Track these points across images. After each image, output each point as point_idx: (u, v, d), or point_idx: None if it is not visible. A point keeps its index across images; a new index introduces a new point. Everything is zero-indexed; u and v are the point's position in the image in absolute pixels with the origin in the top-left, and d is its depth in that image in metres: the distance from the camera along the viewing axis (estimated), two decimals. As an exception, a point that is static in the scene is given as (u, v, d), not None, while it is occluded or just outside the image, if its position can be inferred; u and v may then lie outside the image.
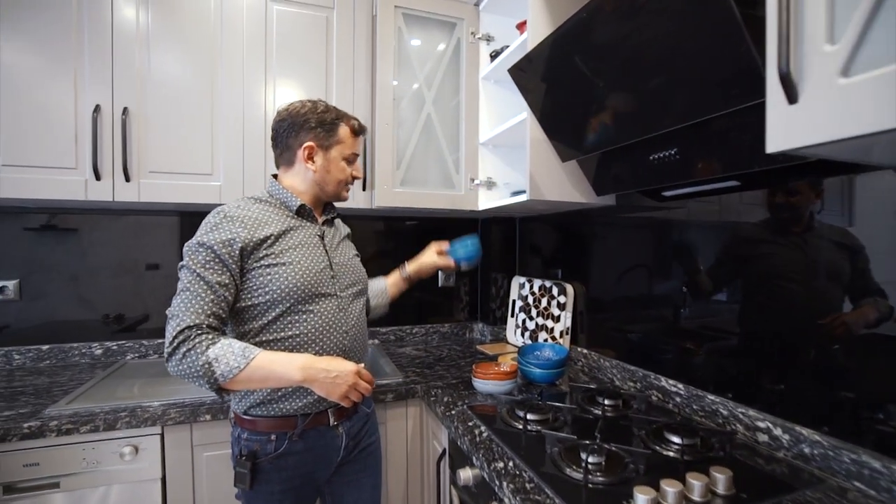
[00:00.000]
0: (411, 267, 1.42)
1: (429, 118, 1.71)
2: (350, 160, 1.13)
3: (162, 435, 1.20)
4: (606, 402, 1.19)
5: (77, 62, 1.36)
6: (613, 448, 0.93)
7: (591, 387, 1.30)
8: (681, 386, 1.20)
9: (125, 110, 1.38)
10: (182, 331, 0.89)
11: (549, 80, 1.21)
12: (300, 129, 1.06)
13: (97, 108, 1.35)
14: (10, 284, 1.57)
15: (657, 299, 1.34)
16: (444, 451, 1.25)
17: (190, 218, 1.75)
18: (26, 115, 1.32)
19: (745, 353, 1.07)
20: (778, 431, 0.96)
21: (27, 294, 1.59)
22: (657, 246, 1.35)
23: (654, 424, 1.05)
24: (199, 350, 0.88)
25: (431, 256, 1.42)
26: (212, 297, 0.93)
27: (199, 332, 0.90)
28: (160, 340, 1.71)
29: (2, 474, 1.09)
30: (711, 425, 1.09)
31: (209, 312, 0.92)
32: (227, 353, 0.89)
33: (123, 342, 1.67)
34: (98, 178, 1.36)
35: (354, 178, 1.15)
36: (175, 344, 0.88)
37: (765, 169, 0.91)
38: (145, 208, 1.64)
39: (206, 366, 0.87)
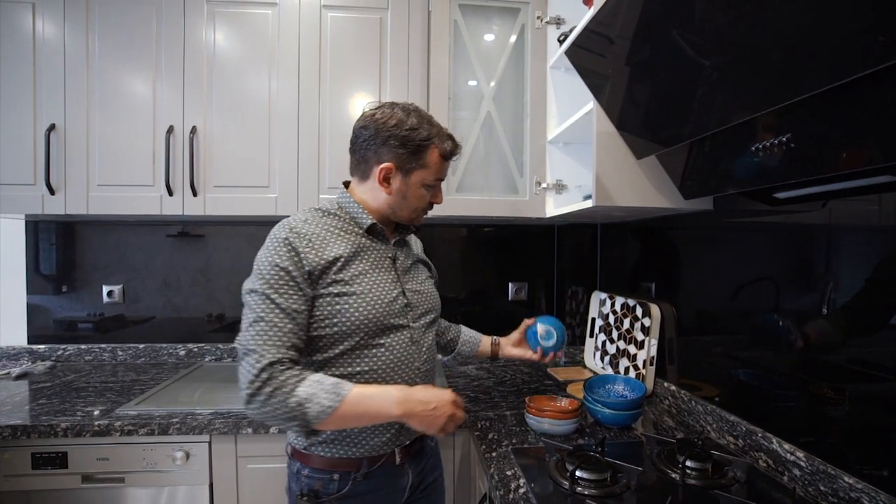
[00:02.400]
0: (502, 352, 1.28)
1: (488, 116, 1.56)
2: (432, 186, 0.98)
3: (210, 443, 1.23)
4: (689, 464, 0.92)
5: (157, 86, 1.48)
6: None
7: (672, 440, 1.03)
8: (801, 455, 0.89)
9: (193, 129, 1.47)
10: (264, 368, 0.79)
11: (617, 55, 0.98)
12: (382, 144, 0.92)
13: (170, 129, 1.46)
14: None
15: (778, 324, 1.02)
16: (485, 496, 1.09)
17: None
18: (117, 140, 1.47)
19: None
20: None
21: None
22: (778, 258, 1.03)
23: (754, 509, 0.78)
24: (286, 389, 0.79)
25: (514, 350, 1.27)
26: (290, 326, 0.83)
27: (283, 367, 0.81)
28: (235, 344, 1.80)
29: (81, 465, 1.20)
30: (846, 521, 0.78)
31: (289, 344, 0.83)
32: (318, 391, 0.80)
33: (203, 345, 1.80)
34: (171, 193, 1.46)
35: (433, 203, 1.01)
36: (257, 385, 0.78)
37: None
38: (220, 220, 1.75)
39: (298, 406, 0.79)
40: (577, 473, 0.88)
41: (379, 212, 0.98)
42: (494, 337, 1.30)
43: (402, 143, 0.91)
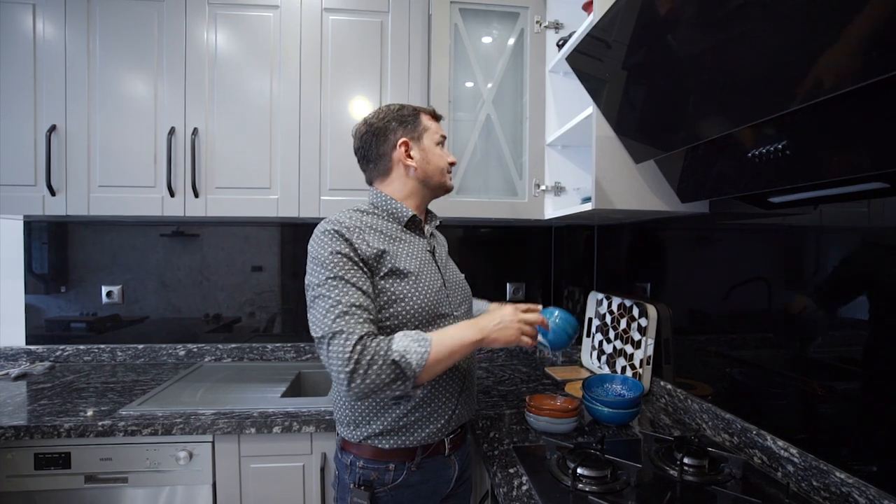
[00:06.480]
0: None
1: (488, 119, 1.58)
2: (441, 144, 1.07)
3: (213, 443, 1.24)
4: (686, 461, 0.95)
5: (158, 88, 1.48)
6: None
7: (669, 438, 1.05)
8: (794, 451, 0.92)
9: (195, 130, 1.47)
10: (356, 343, 0.81)
11: (617, 61, 1.00)
12: (386, 131, 1.01)
13: (172, 131, 1.46)
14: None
15: (770, 324, 1.04)
16: (487, 493, 1.11)
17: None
18: (118, 141, 1.47)
19: None
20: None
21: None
22: (770, 259, 1.06)
23: (749, 504, 0.80)
24: (381, 353, 0.82)
25: None
26: (366, 303, 0.87)
27: (372, 338, 0.84)
28: (234, 345, 1.81)
29: (84, 465, 1.21)
30: (838, 514, 0.80)
31: (370, 319, 0.86)
32: (408, 343, 0.84)
33: (203, 345, 1.81)
34: (172, 195, 1.46)
35: (451, 163, 1.08)
36: (355, 359, 0.80)
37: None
38: (217, 220, 1.75)
39: (401, 360, 0.82)
40: (579, 471, 0.90)
41: (412, 197, 1.04)
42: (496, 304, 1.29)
43: (400, 120, 1.02)
